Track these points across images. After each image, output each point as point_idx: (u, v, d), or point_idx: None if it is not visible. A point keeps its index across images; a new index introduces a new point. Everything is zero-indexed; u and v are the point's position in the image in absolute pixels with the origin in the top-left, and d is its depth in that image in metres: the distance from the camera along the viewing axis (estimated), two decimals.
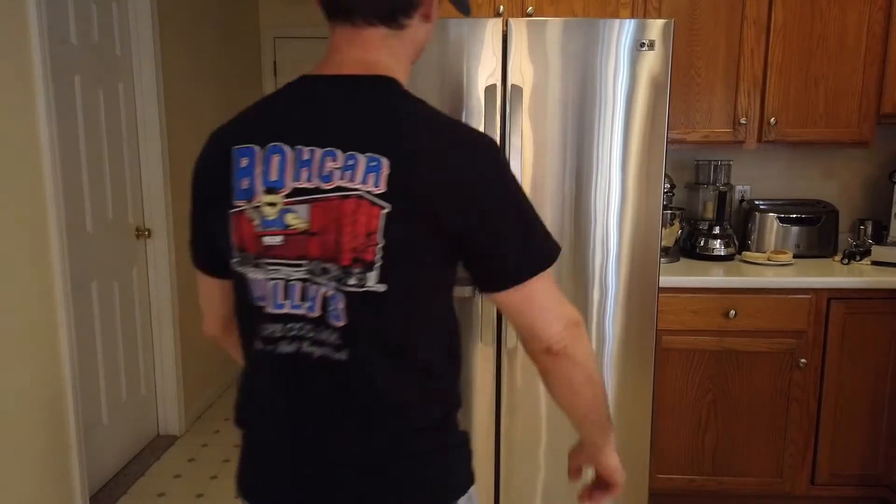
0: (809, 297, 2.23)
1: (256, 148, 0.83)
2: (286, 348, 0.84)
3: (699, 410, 2.31)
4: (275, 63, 4.39)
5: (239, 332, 0.92)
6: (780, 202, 2.66)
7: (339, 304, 0.81)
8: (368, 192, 0.78)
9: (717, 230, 2.55)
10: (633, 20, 1.95)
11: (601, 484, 1.03)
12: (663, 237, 2.35)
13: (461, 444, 0.93)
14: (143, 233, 2.92)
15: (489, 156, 0.82)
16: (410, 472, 0.88)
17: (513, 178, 0.84)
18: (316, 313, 0.82)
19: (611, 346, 2.10)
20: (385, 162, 0.78)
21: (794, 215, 2.57)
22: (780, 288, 2.22)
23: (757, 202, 2.66)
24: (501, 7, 2.41)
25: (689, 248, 2.61)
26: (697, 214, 2.68)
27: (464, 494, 0.91)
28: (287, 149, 0.81)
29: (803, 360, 2.24)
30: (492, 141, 0.84)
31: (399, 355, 0.84)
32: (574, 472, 1.07)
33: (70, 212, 2.41)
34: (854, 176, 2.76)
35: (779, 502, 2.40)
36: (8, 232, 2.00)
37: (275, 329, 0.84)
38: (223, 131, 0.88)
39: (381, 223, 0.78)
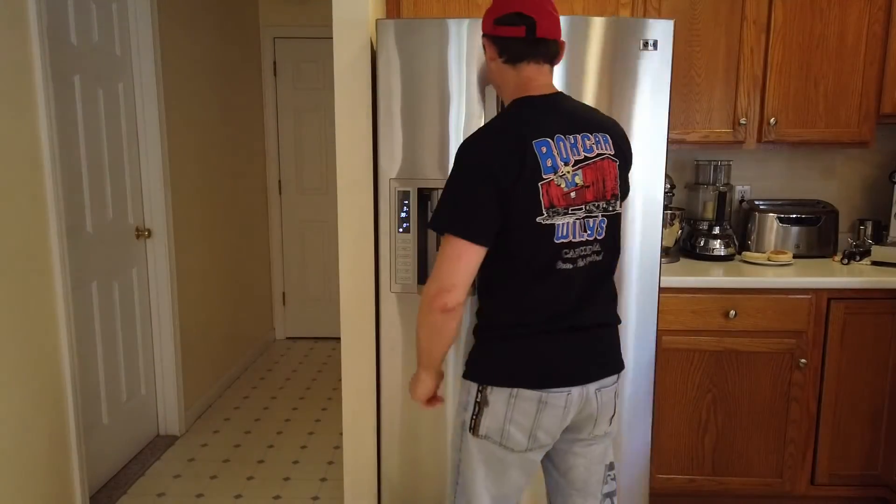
0: (809, 297, 2.23)
1: (549, 139, 1.32)
2: (581, 263, 1.37)
3: (699, 410, 2.31)
4: (274, 63, 4.39)
5: (533, 265, 1.35)
6: (779, 202, 2.66)
7: (604, 225, 1.39)
8: (610, 154, 1.38)
9: (717, 230, 2.55)
10: (633, 19, 1.95)
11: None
12: (663, 237, 2.35)
13: None
14: (142, 233, 2.92)
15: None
16: (617, 325, 1.49)
17: None
18: (593, 237, 1.38)
19: None
20: (609, 136, 1.40)
21: (794, 215, 2.57)
22: (780, 288, 2.22)
23: (757, 202, 2.66)
24: None
25: (689, 249, 2.61)
26: (697, 214, 2.68)
27: None
28: (563, 137, 1.34)
29: (803, 361, 2.24)
30: None
31: (619, 250, 1.46)
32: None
33: (70, 212, 2.41)
34: (854, 176, 2.76)
35: (779, 502, 2.40)
36: (8, 232, 2.00)
37: (576, 252, 1.36)
38: (510, 133, 1.32)
39: (618, 170, 1.40)
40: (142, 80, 2.85)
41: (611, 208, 1.39)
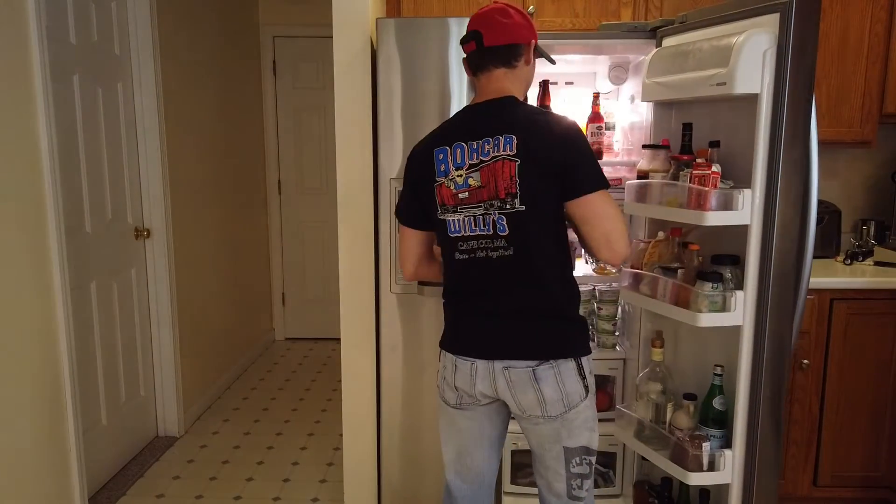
0: (812, 297, 2.21)
1: (447, 147, 1.49)
2: (479, 254, 1.49)
3: None
4: (274, 62, 4.38)
5: (443, 253, 1.57)
6: None
7: (503, 222, 1.45)
8: (508, 154, 1.42)
9: None
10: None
11: None
12: None
13: (579, 320, 1.55)
14: (141, 233, 2.91)
15: (573, 130, 1.45)
16: (549, 317, 1.50)
17: (586, 142, 1.46)
18: (490, 232, 1.47)
19: None
20: (514, 137, 1.42)
21: None
22: None
23: None
24: None
25: None
26: None
27: (589, 354, 1.52)
28: (464, 144, 1.48)
29: (806, 361, 2.23)
30: (574, 122, 1.48)
31: (537, 248, 1.46)
32: None
33: (69, 212, 2.39)
34: (856, 176, 2.75)
35: None
36: (7, 232, 1.99)
37: (470, 245, 1.49)
38: (426, 142, 1.55)
39: (517, 171, 1.42)
40: (141, 80, 2.84)
41: (508, 206, 1.43)
